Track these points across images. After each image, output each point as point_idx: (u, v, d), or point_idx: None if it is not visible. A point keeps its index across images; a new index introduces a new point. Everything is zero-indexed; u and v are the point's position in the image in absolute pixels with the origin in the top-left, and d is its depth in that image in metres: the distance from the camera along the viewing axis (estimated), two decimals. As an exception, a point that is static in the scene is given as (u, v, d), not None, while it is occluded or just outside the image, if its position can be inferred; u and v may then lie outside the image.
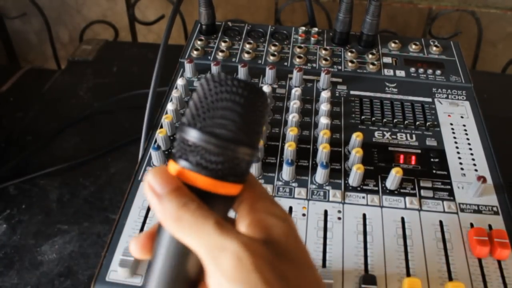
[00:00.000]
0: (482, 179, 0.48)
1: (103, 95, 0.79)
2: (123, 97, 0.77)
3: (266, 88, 0.58)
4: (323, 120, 0.53)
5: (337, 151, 0.53)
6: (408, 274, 0.42)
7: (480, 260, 0.43)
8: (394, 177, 0.48)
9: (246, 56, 0.65)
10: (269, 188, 0.49)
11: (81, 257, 0.56)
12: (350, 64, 0.64)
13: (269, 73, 0.61)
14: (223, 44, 0.67)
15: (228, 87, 0.26)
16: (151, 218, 0.46)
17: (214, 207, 0.26)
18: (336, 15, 0.67)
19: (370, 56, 0.66)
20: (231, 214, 0.29)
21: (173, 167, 0.27)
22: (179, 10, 0.72)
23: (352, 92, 0.61)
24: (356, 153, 0.50)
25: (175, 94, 0.57)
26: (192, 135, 0.26)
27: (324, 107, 0.55)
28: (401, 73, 0.64)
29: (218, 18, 0.71)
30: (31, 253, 0.56)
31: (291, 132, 0.52)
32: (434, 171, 0.51)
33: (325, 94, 0.57)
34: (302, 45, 0.67)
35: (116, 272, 0.41)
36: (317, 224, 0.46)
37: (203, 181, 0.26)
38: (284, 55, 0.66)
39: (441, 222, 0.46)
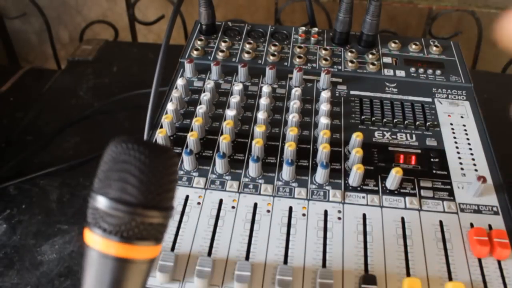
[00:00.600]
0: (482, 179, 0.48)
1: (103, 95, 0.79)
2: (123, 97, 0.77)
3: (266, 88, 0.58)
4: (323, 120, 0.53)
5: (337, 151, 0.53)
6: (408, 274, 0.42)
7: (480, 260, 0.43)
8: (394, 177, 0.48)
9: (246, 56, 0.65)
10: (269, 188, 0.49)
11: (81, 257, 0.55)
12: (350, 64, 0.64)
13: (269, 73, 0.61)
14: (223, 44, 0.67)
15: (132, 151, 0.27)
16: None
17: (134, 273, 0.28)
18: (336, 15, 0.67)
19: (370, 56, 0.66)
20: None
21: (89, 235, 0.27)
22: (179, 10, 0.72)
23: (352, 92, 0.61)
24: (356, 153, 0.50)
25: (175, 94, 0.57)
26: (101, 203, 0.27)
27: (324, 107, 0.55)
28: (401, 73, 0.64)
29: (218, 18, 0.71)
30: (31, 253, 0.56)
31: (291, 132, 0.52)
32: (434, 171, 0.51)
33: (325, 94, 0.57)
34: (302, 45, 0.67)
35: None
36: (317, 224, 0.46)
37: (118, 248, 0.27)
38: (284, 55, 0.66)
39: (441, 222, 0.46)
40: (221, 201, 0.48)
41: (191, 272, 0.41)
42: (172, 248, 0.43)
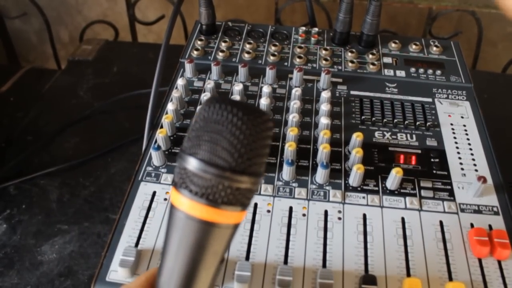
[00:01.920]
0: (482, 179, 0.48)
1: (103, 95, 0.79)
2: (123, 97, 0.77)
3: (266, 88, 0.58)
4: (323, 120, 0.53)
5: (337, 151, 0.53)
6: (408, 274, 0.42)
7: (480, 260, 0.43)
8: (394, 177, 0.48)
9: (246, 56, 0.65)
10: (269, 188, 0.49)
11: (81, 257, 0.56)
12: (350, 64, 0.64)
13: (269, 73, 0.61)
14: (223, 44, 0.67)
15: (225, 112, 0.26)
16: (151, 218, 0.46)
17: (217, 237, 0.27)
18: (336, 15, 0.67)
19: (370, 56, 0.66)
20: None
21: (175, 195, 0.27)
22: (179, 10, 0.72)
23: (352, 92, 0.61)
24: (356, 153, 0.50)
25: (175, 94, 0.57)
26: (190, 163, 0.26)
27: (324, 107, 0.55)
28: (401, 73, 0.64)
29: (218, 18, 0.71)
30: (31, 253, 0.56)
31: (291, 132, 0.52)
32: (434, 171, 0.51)
33: (325, 94, 0.57)
34: (302, 45, 0.67)
35: (116, 272, 0.41)
36: (317, 224, 0.46)
37: (204, 211, 0.26)
38: (284, 55, 0.66)
39: (441, 222, 0.46)
40: (221, 201, 0.47)
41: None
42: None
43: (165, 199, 0.48)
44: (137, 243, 0.44)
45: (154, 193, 0.48)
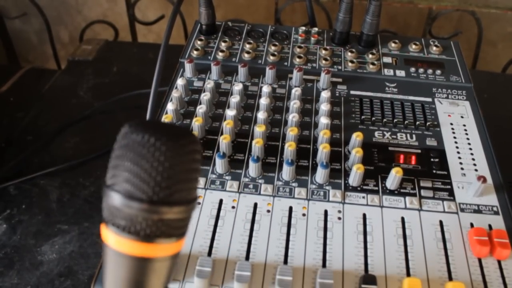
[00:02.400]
0: (482, 179, 0.48)
1: (103, 95, 0.79)
2: (123, 97, 0.77)
3: (266, 88, 0.58)
4: (323, 120, 0.53)
5: (337, 151, 0.53)
6: (408, 274, 0.42)
7: (480, 260, 0.43)
8: (394, 177, 0.48)
9: (246, 56, 0.65)
10: (269, 188, 0.49)
11: (81, 257, 0.56)
12: (350, 64, 0.64)
13: (269, 73, 0.61)
14: (223, 44, 0.67)
15: (140, 138, 0.24)
16: (151, 218, 0.46)
17: (155, 271, 0.25)
18: (336, 15, 0.67)
19: (370, 56, 0.66)
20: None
21: (104, 231, 0.25)
22: (179, 10, 0.72)
23: (352, 92, 0.61)
24: (356, 153, 0.50)
25: (175, 94, 0.57)
26: (109, 196, 0.24)
27: (324, 107, 0.55)
28: (401, 73, 0.64)
29: (218, 18, 0.71)
30: (31, 253, 0.56)
31: (291, 132, 0.52)
32: (434, 171, 0.51)
33: (325, 94, 0.57)
34: (302, 45, 0.67)
35: (116, 272, 0.41)
36: (317, 224, 0.46)
37: (132, 247, 0.24)
38: (284, 55, 0.66)
39: (441, 222, 0.46)
40: (221, 201, 0.47)
41: (191, 272, 0.41)
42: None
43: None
44: (137, 243, 0.44)
45: (154, 193, 0.48)
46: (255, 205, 0.47)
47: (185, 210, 0.25)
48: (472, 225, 0.46)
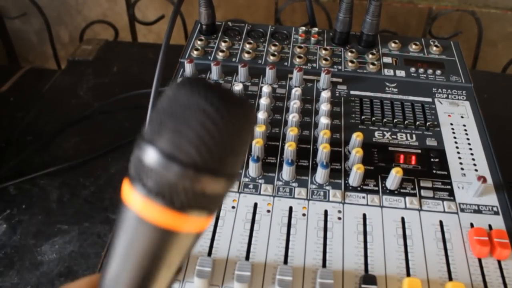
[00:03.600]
0: (482, 179, 0.48)
1: (103, 95, 0.79)
2: (123, 97, 0.77)
3: (266, 88, 0.58)
4: (323, 120, 0.53)
5: (337, 151, 0.53)
6: (408, 274, 0.42)
7: (480, 260, 0.43)
8: (394, 177, 0.48)
9: (246, 56, 0.65)
10: (269, 188, 0.49)
11: (81, 257, 0.56)
12: (350, 64, 0.64)
13: (269, 73, 0.61)
14: (223, 44, 0.67)
15: (196, 95, 0.21)
16: (151, 218, 0.46)
17: (176, 246, 0.22)
18: (336, 15, 0.67)
19: (370, 56, 0.66)
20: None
21: (127, 190, 0.22)
22: (179, 10, 0.72)
23: (352, 92, 0.61)
24: (356, 153, 0.50)
25: (175, 94, 0.57)
26: (146, 153, 0.21)
27: (324, 107, 0.55)
28: (401, 73, 0.64)
29: (218, 18, 0.71)
30: (31, 253, 0.56)
31: (291, 132, 0.52)
32: (434, 171, 0.51)
33: (325, 94, 0.57)
34: (302, 45, 0.67)
35: (116, 272, 0.41)
36: (317, 224, 0.46)
37: (159, 214, 0.21)
38: (284, 55, 0.66)
39: (441, 222, 0.46)
40: (221, 201, 0.47)
41: (192, 272, 0.41)
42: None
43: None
44: (137, 243, 0.44)
45: (154, 193, 0.48)
46: (255, 205, 0.47)
47: (228, 185, 0.22)
48: (472, 225, 0.46)
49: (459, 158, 0.53)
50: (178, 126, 0.21)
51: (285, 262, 0.43)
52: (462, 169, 0.52)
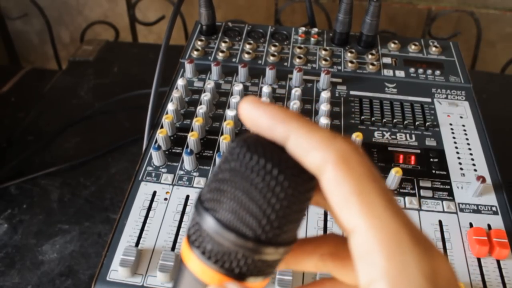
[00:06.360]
0: (481, 179, 0.48)
1: (104, 95, 0.79)
2: (124, 97, 0.78)
3: (266, 89, 0.58)
4: (323, 120, 0.54)
5: (337, 151, 0.53)
6: (407, 274, 0.42)
7: (479, 260, 0.43)
8: (393, 177, 0.48)
9: (246, 57, 0.66)
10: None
11: (82, 256, 0.56)
12: (349, 64, 0.65)
13: (269, 73, 0.61)
14: (223, 44, 0.68)
15: (258, 167, 0.20)
16: (152, 218, 0.46)
17: None
18: (336, 16, 0.67)
19: (369, 56, 0.66)
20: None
21: (186, 250, 0.22)
22: (179, 11, 0.72)
23: (351, 93, 0.61)
24: (355, 153, 0.50)
25: (175, 94, 0.57)
26: (206, 222, 0.21)
27: (324, 107, 0.55)
28: (400, 74, 0.64)
29: (218, 18, 0.71)
30: (32, 252, 0.56)
31: (291, 132, 0.52)
32: (433, 171, 0.51)
33: (325, 95, 0.58)
34: (302, 46, 0.68)
35: (116, 272, 0.42)
36: (317, 224, 0.46)
37: (217, 279, 0.21)
38: (284, 56, 0.66)
39: (440, 221, 0.46)
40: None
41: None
42: (173, 248, 0.44)
43: (165, 199, 0.48)
44: (138, 243, 0.44)
45: (154, 193, 0.48)
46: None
47: (287, 250, 0.22)
48: (471, 225, 0.46)
49: (458, 158, 0.53)
50: (239, 197, 0.20)
51: (285, 261, 0.43)
52: (461, 169, 0.52)
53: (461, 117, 0.58)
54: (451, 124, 0.57)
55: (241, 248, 0.21)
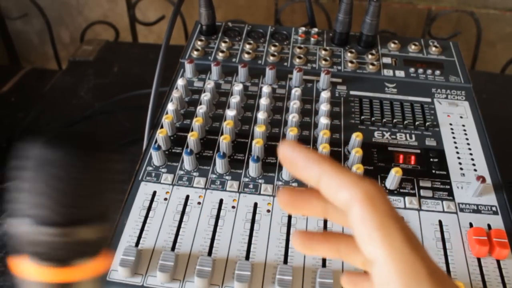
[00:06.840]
0: (481, 179, 0.48)
1: (103, 95, 0.79)
2: (124, 97, 0.78)
3: (266, 89, 0.58)
4: (323, 120, 0.54)
5: (337, 151, 0.53)
6: (407, 274, 0.42)
7: (479, 260, 0.43)
8: (393, 177, 0.48)
9: (246, 57, 0.66)
10: (269, 188, 0.49)
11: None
12: (349, 64, 0.65)
13: (269, 73, 0.61)
14: (223, 44, 0.68)
15: None
16: (151, 218, 0.46)
17: None
18: (336, 16, 0.67)
19: (369, 56, 0.66)
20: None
21: (20, 267, 0.25)
22: (179, 11, 0.72)
23: (351, 92, 0.61)
24: (355, 153, 0.50)
25: (175, 94, 0.57)
26: (23, 227, 0.24)
27: (324, 107, 0.55)
28: (400, 73, 0.64)
29: (218, 18, 0.71)
30: (32, 252, 0.56)
31: (291, 132, 0.52)
32: (433, 171, 0.51)
33: (325, 95, 0.58)
34: (302, 46, 0.68)
35: (116, 272, 0.42)
36: (317, 224, 0.46)
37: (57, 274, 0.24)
38: (284, 56, 0.66)
39: (440, 221, 0.46)
40: (221, 201, 0.48)
41: (192, 272, 0.41)
42: (173, 248, 0.44)
43: (165, 199, 0.48)
44: (138, 243, 0.44)
45: (154, 193, 0.48)
46: (255, 205, 0.47)
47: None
48: (471, 225, 0.46)
49: (458, 158, 0.53)
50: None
51: (285, 261, 0.43)
52: (461, 169, 0.52)
53: (461, 117, 0.58)
54: (451, 124, 0.57)
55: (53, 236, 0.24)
